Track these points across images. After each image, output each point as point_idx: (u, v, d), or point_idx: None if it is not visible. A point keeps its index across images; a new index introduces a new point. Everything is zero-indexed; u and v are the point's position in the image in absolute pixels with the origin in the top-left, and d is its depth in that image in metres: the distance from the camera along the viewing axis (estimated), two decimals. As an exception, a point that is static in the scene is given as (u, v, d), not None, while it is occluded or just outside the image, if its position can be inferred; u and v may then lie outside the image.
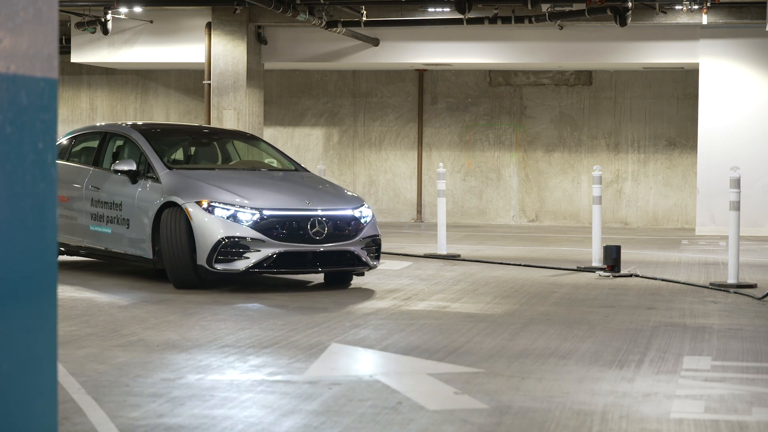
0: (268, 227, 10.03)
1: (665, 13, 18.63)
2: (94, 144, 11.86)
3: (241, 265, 9.95)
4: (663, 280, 11.84)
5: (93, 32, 20.20)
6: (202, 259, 9.97)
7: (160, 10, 20.01)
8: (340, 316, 8.97)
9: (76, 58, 21.09)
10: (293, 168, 11.74)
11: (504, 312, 9.31)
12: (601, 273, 12.20)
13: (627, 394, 6.12)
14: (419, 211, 22.68)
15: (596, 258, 12.70)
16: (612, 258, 12.27)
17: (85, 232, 11.39)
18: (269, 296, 10.17)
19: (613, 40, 19.68)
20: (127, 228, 10.81)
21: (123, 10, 19.35)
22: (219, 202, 10.10)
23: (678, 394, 6.13)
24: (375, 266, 10.69)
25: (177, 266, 10.15)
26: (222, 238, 9.92)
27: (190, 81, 23.51)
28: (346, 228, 10.37)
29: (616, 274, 12.11)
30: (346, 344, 7.63)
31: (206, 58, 19.88)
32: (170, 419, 5.43)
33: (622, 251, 12.56)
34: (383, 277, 11.89)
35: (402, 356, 7.19)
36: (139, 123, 11.90)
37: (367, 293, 10.45)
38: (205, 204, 10.09)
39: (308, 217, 10.19)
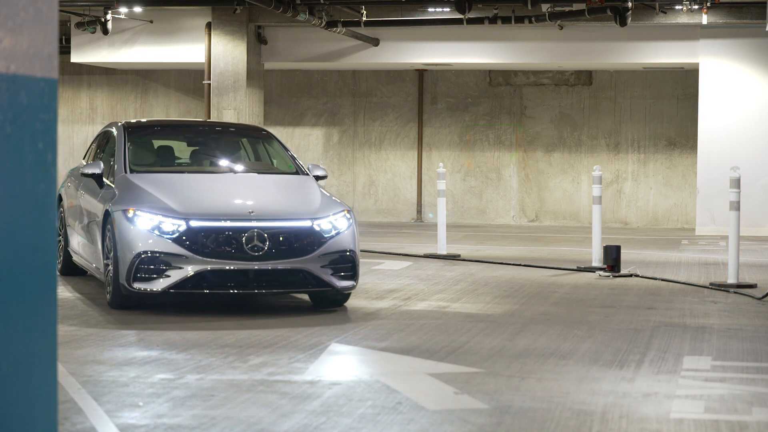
0: (193, 240, 8.67)
1: (665, 13, 18.63)
2: (103, 144, 11.08)
3: (159, 284, 8.67)
4: (663, 280, 11.83)
5: (93, 32, 20.20)
6: (122, 276, 8.74)
7: (160, 10, 20.00)
8: (340, 316, 8.97)
9: (76, 58, 21.09)
10: (292, 171, 10.27)
11: (504, 312, 9.31)
12: (601, 273, 12.20)
13: (627, 394, 6.12)
14: (419, 211, 22.68)
15: (596, 258, 12.70)
16: (612, 258, 12.27)
17: (79, 240, 10.57)
18: (269, 297, 10.17)
19: (613, 40, 19.68)
20: (89, 237, 10.01)
21: (123, 10, 19.35)
22: (145, 211, 8.83)
23: (678, 394, 6.14)
24: (347, 287, 9.09)
25: (108, 283, 9.15)
26: (140, 253, 8.66)
27: (190, 81, 23.51)
28: (297, 242, 8.83)
29: (616, 274, 12.10)
30: (346, 344, 7.63)
31: (206, 58, 19.88)
32: (170, 419, 5.44)
33: (622, 251, 12.56)
34: (383, 277, 11.89)
35: (402, 356, 7.19)
36: (142, 120, 11.18)
37: (367, 293, 10.45)
38: (131, 213, 8.86)
39: (243, 230, 8.73)
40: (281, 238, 8.83)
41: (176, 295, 9.09)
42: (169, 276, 8.67)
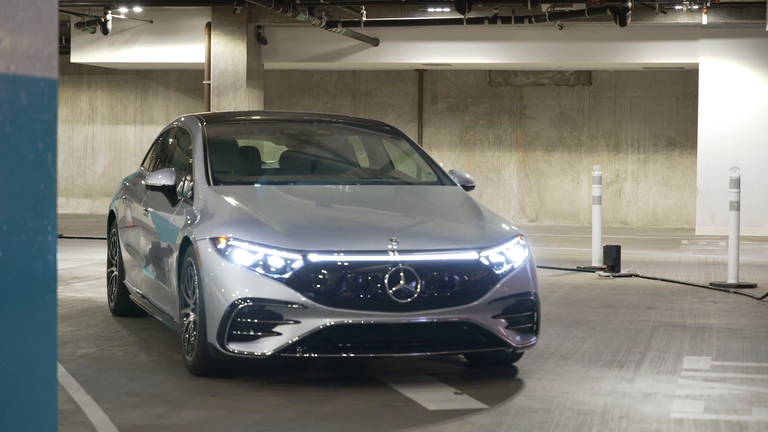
0: (314, 282, 6.17)
1: (665, 13, 18.63)
2: (168, 145, 8.58)
3: (267, 345, 6.14)
4: (663, 280, 11.83)
5: (93, 32, 20.20)
6: (212, 334, 6.26)
7: (160, 10, 20.00)
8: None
9: (76, 58, 21.09)
10: (434, 180, 7.73)
11: (504, 312, 9.30)
12: (601, 273, 12.19)
13: (627, 394, 6.12)
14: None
15: (596, 258, 12.69)
16: (612, 258, 12.26)
17: (140, 273, 8.12)
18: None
19: (613, 40, 19.68)
20: (158, 272, 7.53)
21: (123, 10, 19.35)
22: (243, 240, 6.34)
23: (678, 394, 6.14)
24: (525, 345, 6.54)
25: (189, 342, 6.64)
26: (238, 301, 6.18)
27: (190, 81, 23.51)
28: (459, 283, 6.34)
29: (616, 274, 12.10)
30: (346, 344, 7.62)
31: (206, 58, 19.88)
32: (170, 419, 5.44)
33: (622, 251, 12.56)
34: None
35: (402, 356, 7.18)
36: (221, 112, 8.40)
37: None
38: (222, 242, 6.37)
39: (385, 266, 6.22)
40: (437, 278, 6.32)
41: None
42: (279, 334, 6.15)
